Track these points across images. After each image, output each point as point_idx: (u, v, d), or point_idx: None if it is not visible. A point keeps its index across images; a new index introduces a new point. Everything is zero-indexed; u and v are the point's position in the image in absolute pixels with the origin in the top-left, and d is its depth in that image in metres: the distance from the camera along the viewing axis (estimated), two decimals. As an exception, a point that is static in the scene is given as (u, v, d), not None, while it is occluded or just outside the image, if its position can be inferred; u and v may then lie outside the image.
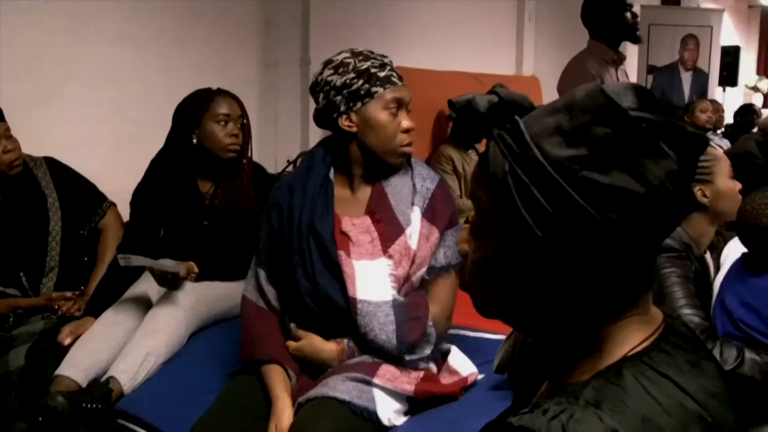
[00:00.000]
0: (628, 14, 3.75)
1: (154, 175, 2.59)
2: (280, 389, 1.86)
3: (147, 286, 2.44)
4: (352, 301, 1.87)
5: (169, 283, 2.34)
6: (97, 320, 2.35)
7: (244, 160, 2.57)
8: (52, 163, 2.71)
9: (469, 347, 2.17)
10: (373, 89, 1.89)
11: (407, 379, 1.88)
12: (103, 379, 2.16)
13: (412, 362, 1.90)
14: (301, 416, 1.78)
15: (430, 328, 1.92)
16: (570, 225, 0.74)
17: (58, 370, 2.18)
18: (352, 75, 1.89)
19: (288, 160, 3.80)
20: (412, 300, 1.94)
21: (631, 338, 0.80)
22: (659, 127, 0.75)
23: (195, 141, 2.51)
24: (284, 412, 1.81)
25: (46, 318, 2.47)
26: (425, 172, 2.02)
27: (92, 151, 3.23)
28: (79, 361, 2.20)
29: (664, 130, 0.75)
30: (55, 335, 2.32)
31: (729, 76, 7.91)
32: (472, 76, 4.92)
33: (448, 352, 2.06)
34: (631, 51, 5.90)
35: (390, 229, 1.93)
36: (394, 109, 1.92)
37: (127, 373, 2.16)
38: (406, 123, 1.94)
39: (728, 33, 9.28)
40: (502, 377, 1.85)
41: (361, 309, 1.87)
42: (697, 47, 7.39)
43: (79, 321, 2.39)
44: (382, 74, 1.91)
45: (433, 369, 1.97)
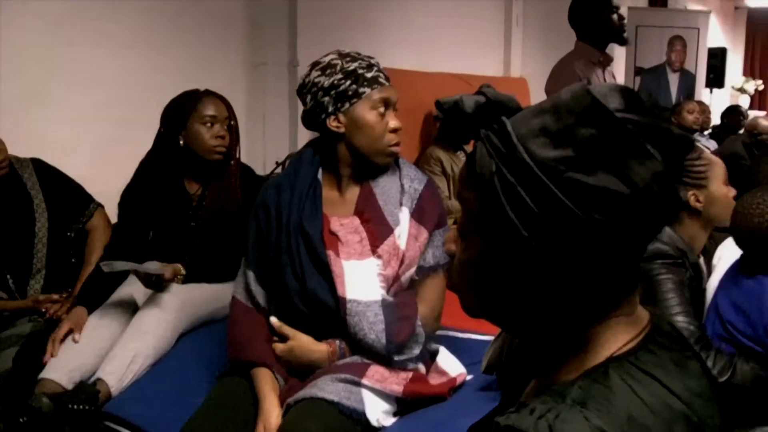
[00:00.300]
0: (615, 16, 3.77)
1: (142, 176, 2.59)
2: (268, 390, 1.86)
3: (132, 289, 2.43)
4: (342, 301, 1.87)
5: (155, 285, 2.33)
6: (82, 326, 2.32)
7: (232, 162, 2.57)
8: (39, 165, 2.69)
9: (458, 348, 2.17)
10: (361, 90, 1.90)
11: (396, 380, 1.88)
12: (90, 382, 2.15)
13: (401, 363, 1.90)
14: (289, 417, 1.77)
15: (419, 328, 1.92)
16: (556, 225, 0.75)
17: (42, 374, 2.16)
18: (340, 76, 1.90)
19: (276, 162, 3.79)
20: (401, 300, 1.94)
21: (618, 338, 0.81)
22: (645, 129, 0.75)
23: (182, 142, 2.51)
24: (272, 413, 1.81)
25: (33, 320, 2.45)
26: (413, 173, 2.03)
27: (78, 153, 3.21)
28: (63, 365, 2.18)
29: (650, 132, 0.76)
30: (43, 338, 2.29)
31: (716, 78, 7.95)
32: (461, 78, 4.93)
33: (436, 352, 2.06)
34: (619, 52, 5.93)
35: (379, 229, 1.94)
36: (382, 109, 1.93)
37: (114, 375, 2.14)
38: (393, 123, 1.95)
39: (715, 35, 9.34)
40: (490, 378, 1.86)
41: (351, 309, 1.87)
42: (684, 49, 7.43)
43: (73, 313, 2.35)
44: (369, 75, 1.91)
45: (422, 370, 1.97)
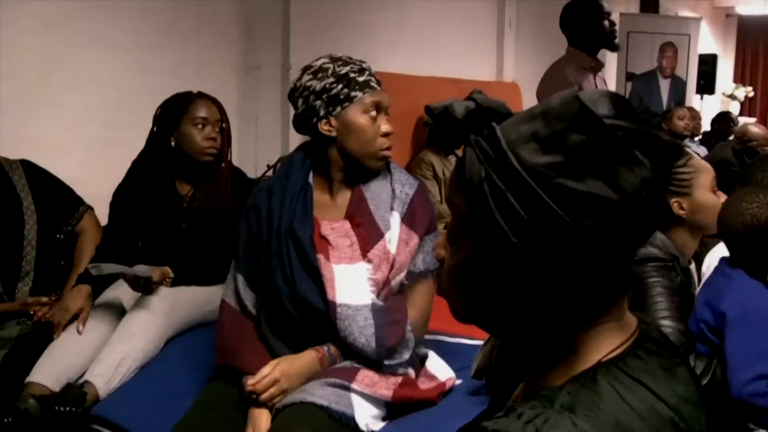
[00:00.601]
0: (606, 22, 3.78)
1: (134, 177, 2.58)
2: (257, 394, 1.85)
3: (120, 292, 2.42)
4: (332, 305, 1.87)
5: (143, 288, 2.32)
6: (67, 328, 2.30)
7: (223, 164, 2.57)
8: (28, 166, 2.67)
9: (447, 352, 2.17)
10: (353, 93, 1.90)
11: (385, 385, 1.87)
12: (77, 384, 2.14)
13: (391, 367, 1.90)
14: (278, 421, 1.77)
15: (409, 333, 1.92)
16: (545, 231, 0.75)
17: (29, 377, 2.14)
18: (332, 80, 1.90)
19: (268, 165, 3.78)
20: (392, 304, 1.94)
21: (606, 344, 0.81)
22: (634, 135, 0.76)
23: (173, 144, 2.51)
24: (261, 417, 1.80)
25: (21, 323, 2.43)
26: (404, 178, 2.03)
27: (69, 155, 3.20)
28: (49, 368, 2.17)
29: (639, 139, 0.76)
30: (31, 341, 2.28)
31: (706, 84, 7.99)
32: (453, 82, 4.93)
33: (426, 357, 2.06)
34: (611, 58, 5.94)
35: (369, 234, 1.93)
36: (374, 113, 1.93)
37: (102, 378, 2.13)
38: (385, 127, 1.95)
39: (706, 41, 9.38)
40: (480, 382, 1.86)
41: (341, 312, 1.86)
42: (675, 55, 7.46)
43: (76, 291, 2.36)
44: (361, 79, 1.91)
45: (412, 374, 1.97)
